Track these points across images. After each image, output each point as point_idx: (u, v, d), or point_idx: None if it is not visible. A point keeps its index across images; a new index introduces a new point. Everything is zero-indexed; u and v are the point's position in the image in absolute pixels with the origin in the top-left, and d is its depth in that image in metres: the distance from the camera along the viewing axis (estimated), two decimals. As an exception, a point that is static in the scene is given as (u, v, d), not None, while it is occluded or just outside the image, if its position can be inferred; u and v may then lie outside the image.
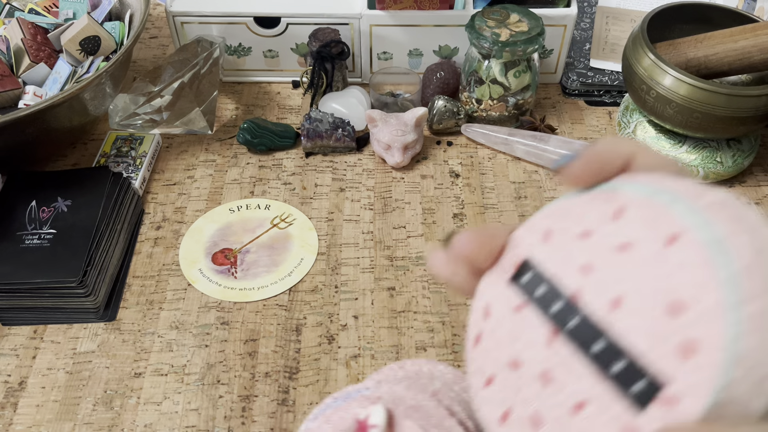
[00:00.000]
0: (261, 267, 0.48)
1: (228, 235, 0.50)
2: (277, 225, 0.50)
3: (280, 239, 0.50)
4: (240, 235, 0.50)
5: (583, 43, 0.66)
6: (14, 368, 0.42)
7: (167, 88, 0.55)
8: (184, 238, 0.50)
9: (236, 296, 0.46)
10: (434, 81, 0.60)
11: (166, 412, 0.40)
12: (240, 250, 0.49)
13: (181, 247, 0.49)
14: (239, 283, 0.47)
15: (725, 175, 0.53)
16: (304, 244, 0.50)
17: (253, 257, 0.49)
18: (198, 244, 0.49)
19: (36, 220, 0.47)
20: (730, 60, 0.50)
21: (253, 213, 0.52)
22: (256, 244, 0.49)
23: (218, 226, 0.51)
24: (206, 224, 0.51)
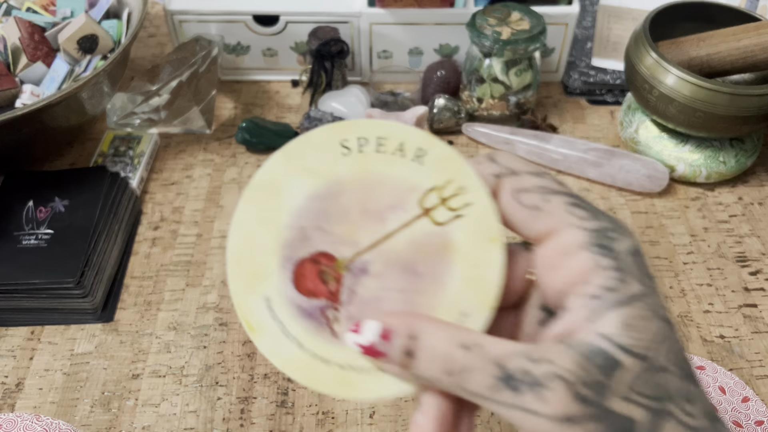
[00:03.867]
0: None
1: (331, 217, 0.22)
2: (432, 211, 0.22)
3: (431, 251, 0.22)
4: (354, 220, 0.22)
5: (585, 42, 0.66)
6: (11, 369, 0.42)
7: (165, 87, 0.54)
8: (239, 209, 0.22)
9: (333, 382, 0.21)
10: (435, 80, 0.59)
11: (164, 413, 0.40)
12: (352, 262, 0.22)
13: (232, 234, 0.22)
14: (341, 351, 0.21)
15: (728, 175, 0.53)
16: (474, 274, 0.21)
17: (374, 285, 0.21)
18: (268, 231, 0.22)
19: (33, 221, 0.46)
20: (732, 59, 0.50)
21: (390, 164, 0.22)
22: (384, 254, 0.22)
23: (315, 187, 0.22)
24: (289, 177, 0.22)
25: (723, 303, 0.45)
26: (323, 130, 0.22)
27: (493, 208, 0.21)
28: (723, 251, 0.49)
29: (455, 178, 0.21)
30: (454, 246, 0.21)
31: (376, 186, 0.22)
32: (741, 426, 0.38)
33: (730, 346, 0.43)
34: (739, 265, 0.48)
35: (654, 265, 0.48)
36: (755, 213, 0.52)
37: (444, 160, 0.22)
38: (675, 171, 0.53)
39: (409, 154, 0.22)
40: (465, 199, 0.21)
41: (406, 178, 0.22)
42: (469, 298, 0.21)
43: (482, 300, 0.21)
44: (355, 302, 0.21)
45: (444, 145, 0.22)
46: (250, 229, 0.22)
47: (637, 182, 0.52)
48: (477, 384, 0.18)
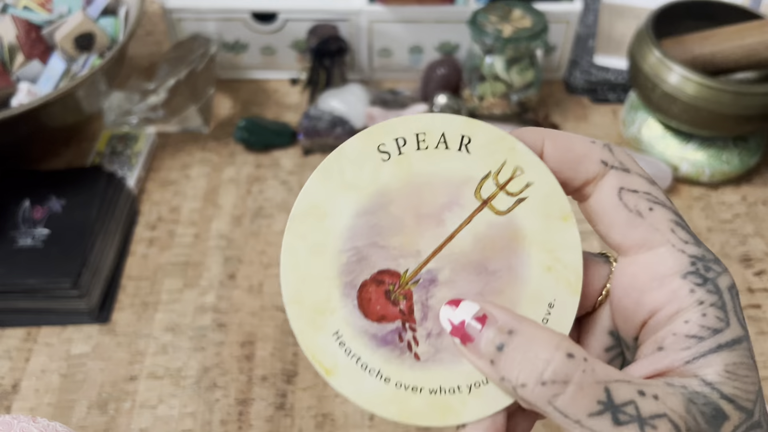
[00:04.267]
0: None
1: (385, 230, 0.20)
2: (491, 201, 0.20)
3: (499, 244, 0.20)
4: (410, 228, 0.20)
5: (587, 40, 0.65)
6: (7, 371, 0.42)
7: (163, 85, 0.54)
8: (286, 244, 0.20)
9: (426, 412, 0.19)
10: (435, 78, 0.59)
11: (162, 415, 0.39)
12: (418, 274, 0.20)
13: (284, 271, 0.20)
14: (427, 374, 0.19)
15: (732, 174, 0.52)
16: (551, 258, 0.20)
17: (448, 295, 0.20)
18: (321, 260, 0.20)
19: (29, 220, 0.46)
20: (736, 57, 0.49)
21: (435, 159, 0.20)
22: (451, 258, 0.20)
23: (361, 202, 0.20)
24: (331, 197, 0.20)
25: (727, 304, 0.45)
26: (357, 139, 0.20)
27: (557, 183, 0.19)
28: (727, 251, 0.49)
29: (509, 158, 0.19)
30: (523, 233, 0.20)
31: (425, 187, 0.20)
32: None
33: (734, 347, 0.42)
34: (743, 266, 0.47)
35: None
36: (759, 213, 0.52)
37: (492, 142, 0.19)
38: (678, 170, 0.52)
39: (454, 145, 0.20)
40: (524, 179, 0.19)
41: (456, 171, 0.20)
42: (551, 286, 0.19)
43: (567, 285, 0.19)
44: (432, 317, 0.19)
45: (489, 127, 0.20)
46: (301, 263, 0.20)
47: (640, 182, 0.52)
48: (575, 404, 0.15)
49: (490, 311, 0.17)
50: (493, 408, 0.19)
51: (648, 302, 0.18)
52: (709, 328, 0.17)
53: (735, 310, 0.17)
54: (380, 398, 0.19)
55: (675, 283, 0.17)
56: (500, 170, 0.20)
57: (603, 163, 0.19)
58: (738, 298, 0.18)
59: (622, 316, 0.19)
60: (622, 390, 0.16)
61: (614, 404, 0.15)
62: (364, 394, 0.19)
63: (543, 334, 0.17)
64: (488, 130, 0.20)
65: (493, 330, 0.17)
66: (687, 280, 0.17)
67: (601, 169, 0.19)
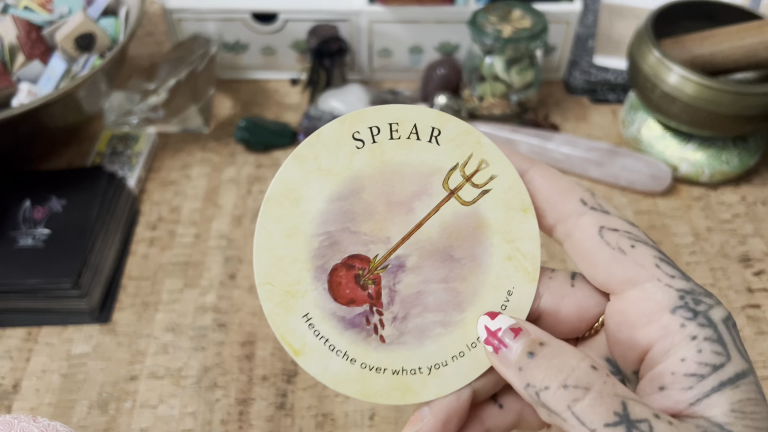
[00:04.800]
0: (430, 312, 0.21)
1: (357, 216, 0.21)
2: (458, 191, 0.21)
3: (464, 233, 0.21)
4: (381, 215, 0.21)
5: (587, 40, 0.65)
6: (8, 370, 0.42)
7: (163, 85, 0.54)
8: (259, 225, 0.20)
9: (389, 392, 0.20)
10: (435, 78, 0.59)
11: (162, 415, 0.39)
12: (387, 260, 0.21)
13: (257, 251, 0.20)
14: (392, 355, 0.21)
15: (731, 175, 0.52)
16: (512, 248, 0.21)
17: (414, 280, 0.21)
18: (294, 243, 0.20)
19: (30, 220, 0.46)
20: (736, 57, 0.50)
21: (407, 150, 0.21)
22: (418, 245, 0.21)
23: (334, 188, 0.20)
24: (305, 182, 0.20)
25: (726, 303, 0.45)
26: (332, 126, 0.20)
27: (518, 177, 0.20)
28: (726, 251, 0.49)
29: (475, 152, 0.20)
30: (486, 223, 0.21)
31: (396, 175, 0.20)
32: None
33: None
34: (743, 266, 0.48)
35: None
36: (759, 213, 0.52)
37: (461, 135, 0.20)
38: (678, 170, 0.52)
39: (425, 136, 0.20)
40: (489, 172, 0.20)
41: (426, 162, 0.20)
42: (511, 274, 0.20)
43: (525, 274, 0.20)
44: (398, 302, 0.20)
45: (458, 121, 0.20)
46: (274, 245, 0.20)
47: (640, 182, 0.52)
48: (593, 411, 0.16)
49: (524, 326, 0.18)
50: (451, 389, 0.20)
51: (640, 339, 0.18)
52: (707, 364, 0.17)
53: (734, 342, 0.17)
54: (345, 378, 0.20)
55: (665, 318, 0.17)
56: (467, 162, 0.20)
57: (582, 202, 0.19)
58: (735, 329, 0.17)
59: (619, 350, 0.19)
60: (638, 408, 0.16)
61: (630, 419, 0.16)
62: (330, 374, 0.20)
63: (571, 348, 0.17)
64: (457, 123, 0.20)
65: (526, 340, 0.18)
66: (677, 315, 0.17)
67: (578, 208, 0.19)
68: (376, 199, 0.20)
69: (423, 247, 0.20)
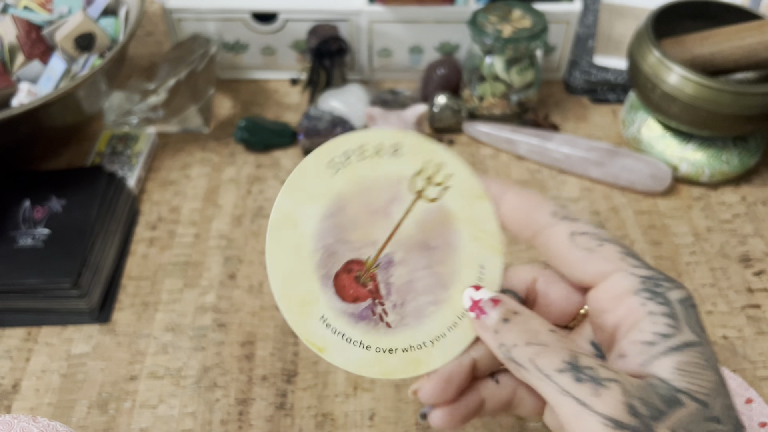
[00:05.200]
0: (422, 294, 0.24)
1: (346, 228, 0.24)
2: (423, 192, 0.25)
3: (435, 225, 0.25)
4: (365, 223, 0.24)
5: (587, 40, 0.65)
6: (8, 370, 0.42)
7: (163, 85, 0.54)
8: (268, 248, 0.24)
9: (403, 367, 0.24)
10: (435, 78, 0.59)
11: (162, 415, 0.39)
12: (377, 260, 0.24)
13: (271, 271, 0.24)
14: (399, 337, 0.24)
15: (731, 175, 0.52)
16: (477, 230, 0.25)
17: (403, 272, 0.24)
18: (299, 261, 0.24)
19: (30, 220, 0.46)
20: (736, 57, 0.50)
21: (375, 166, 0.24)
22: (400, 242, 0.24)
23: (323, 209, 0.24)
24: (298, 208, 0.24)
25: (726, 303, 0.45)
26: (310, 158, 0.24)
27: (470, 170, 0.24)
28: (726, 251, 0.49)
29: (431, 158, 0.24)
30: (452, 214, 0.25)
31: (371, 188, 0.24)
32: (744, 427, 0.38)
33: (734, 347, 0.42)
34: (743, 266, 0.48)
35: (657, 265, 0.48)
36: (759, 213, 0.52)
37: (417, 146, 0.24)
38: (678, 170, 0.52)
39: (388, 152, 0.24)
40: (445, 172, 0.25)
41: (392, 173, 0.24)
42: (481, 251, 0.24)
43: (492, 248, 0.24)
44: (395, 291, 0.24)
45: (413, 135, 0.24)
46: (284, 264, 0.24)
47: (640, 182, 0.52)
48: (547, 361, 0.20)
49: (502, 298, 0.22)
50: (453, 355, 0.24)
51: (611, 320, 0.21)
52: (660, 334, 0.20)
53: (687, 319, 0.20)
54: (365, 363, 0.24)
55: (629, 300, 0.20)
56: (426, 167, 0.24)
57: (553, 214, 0.23)
58: (693, 309, 0.20)
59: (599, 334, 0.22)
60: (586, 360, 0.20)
61: (577, 366, 0.19)
62: (352, 362, 0.24)
63: (537, 317, 0.22)
64: (413, 137, 0.24)
65: (502, 309, 0.22)
66: (639, 296, 0.20)
67: (551, 219, 0.23)
68: (358, 211, 0.24)
69: (405, 243, 0.24)
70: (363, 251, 0.24)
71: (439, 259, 0.24)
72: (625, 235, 0.50)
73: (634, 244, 0.49)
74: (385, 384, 0.40)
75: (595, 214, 0.51)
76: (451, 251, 0.24)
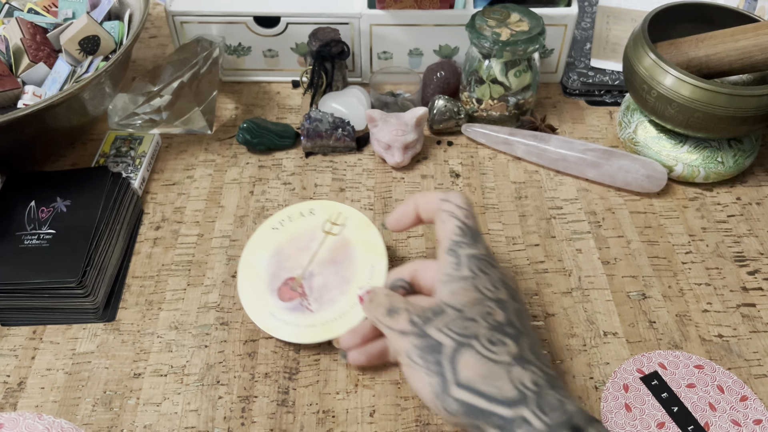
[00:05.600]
0: (333, 289, 0.42)
1: (283, 261, 0.43)
2: (330, 231, 0.43)
3: (339, 249, 0.43)
4: (295, 257, 0.43)
5: (584, 43, 0.66)
6: (13, 369, 0.42)
7: (167, 87, 0.55)
8: (240, 279, 0.43)
9: (323, 333, 0.40)
10: (434, 81, 0.60)
11: (166, 412, 0.40)
12: (304, 275, 0.42)
13: (241, 291, 0.42)
14: (318, 317, 0.41)
15: (726, 175, 0.53)
16: (367, 246, 0.43)
17: (320, 280, 0.42)
18: (258, 283, 0.42)
19: (35, 221, 0.46)
20: (731, 59, 0.50)
21: (299, 224, 0.45)
22: (317, 263, 0.43)
23: (269, 252, 0.44)
24: (255, 256, 0.44)
25: (721, 302, 0.46)
26: (261, 227, 0.45)
27: (359, 213, 0.44)
28: (721, 251, 0.49)
29: (333, 210, 0.45)
30: (350, 240, 0.44)
31: (298, 236, 0.45)
32: (739, 425, 0.38)
33: (729, 345, 0.43)
34: (738, 265, 0.48)
35: (652, 265, 0.48)
36: (753, 213, 0.52)
37: (325, 205, 0.46)
38: (673, 171, 0.53)
39: (306, 214, 0.46)
40: (343, 217, 0.45)
41: (310, 224, 0.45)
42: (371, 257, 0.43)
43: (378, 254, 0.43)
44: (315, 290, 0.42)
45: (323, 201, 0.46)
46: (249, 287, 0.43)
47: (636, 182, 0.52)
48: (377, 312, 0.33)
49: (372, 288, 0.35)
50: (355, 322, 0.40)
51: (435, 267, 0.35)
52: (447, 274, 0.33)
53: (469, 265, 0.33)
54: (300, 334, 0.40)
55: (443, 257, 0.34)
56: (331, 216, 0.45)
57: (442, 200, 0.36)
58: (476, 259, 0.33)
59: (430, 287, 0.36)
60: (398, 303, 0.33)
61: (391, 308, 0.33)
62: (291, 335, 0.41)
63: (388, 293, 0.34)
64: (322, 202, 0.46)
65: (370, 295, 0.35)
66: (447, 254, 0.34)
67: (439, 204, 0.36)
68: (291, 250, 0.44)
69: (320, 263, 0.43)
70: (295, 271, 0.43)
71: (344, 266, 0.42)
72: (622, 235, 0.50)
73: (630, 243, 0.50)
74: (386, 381, 0.41)
75: (592, 215, 0.52)
76: (351, 261, 0.43)
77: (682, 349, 0.43)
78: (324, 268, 0.42)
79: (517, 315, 0.31)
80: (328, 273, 0.42)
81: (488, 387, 0.28)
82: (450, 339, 0.30)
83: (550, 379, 0.29)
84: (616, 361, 0.42)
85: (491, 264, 0.33)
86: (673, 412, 0.39)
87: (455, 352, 0.29)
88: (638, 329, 0.44)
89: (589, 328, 0.44)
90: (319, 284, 0.42)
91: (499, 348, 0.29)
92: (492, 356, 0.29)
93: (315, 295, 0.41)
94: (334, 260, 0.42)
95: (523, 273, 0.48)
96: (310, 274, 0.42)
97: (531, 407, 0.28)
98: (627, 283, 0.47)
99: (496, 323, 0.30)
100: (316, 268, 0.42)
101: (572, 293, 0.46)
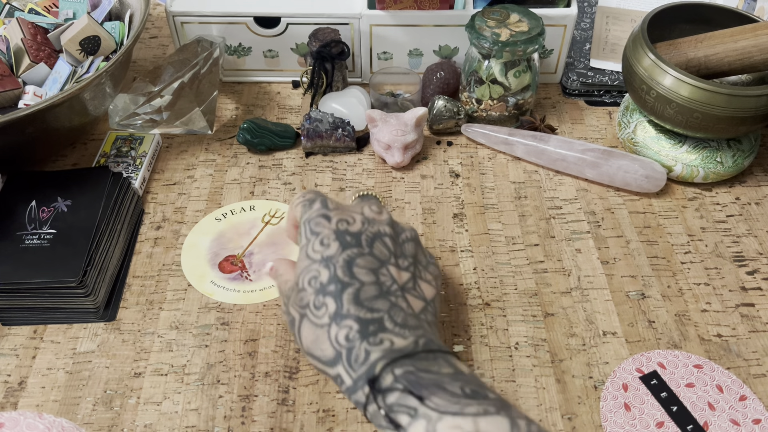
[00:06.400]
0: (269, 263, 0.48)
1: (225, 243, 0.49)
2: (269, 222, 0.51)
3: (279, 234, 0.50)
4: (236, 240, 0.50)
5: (583, 43, 0.66)
6: (14, 368, 0.42)
7: (167, 88, 0.55)
8: (182, 256, 0.48)
9: (261, 297, 0.46)
10: (434, 81, 0.60)
11: (166, 412, 0.40)
12: (243, 254, 0.48)
13: (184, 266, 0.48)
14: (258, 285, 0.47)
15: (725, 175, 0.53)
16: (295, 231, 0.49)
17: (260, 257, 0.48)
18: (199, 260, 0.48)
19: (36, 220, 0.47)
20: (730, 60, 0.50)
21: (241, 217, 0.51)
22: (258, 245, 0.49)
23: (211, 237, 0.50)
24: (198, 238, 0.50)
25: (720, 302, 0.46)
26: (207, 217, 0.51)
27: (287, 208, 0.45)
28: (720, 251, 0.49)
29: (271, 207, 0.52)
30: (281, 228, 0.51)
31: (239, 224, 0.51)
32: (738, 424, 0.38)
33: (728, 345, 0.43)
34: (737, 265, 0.48)
35: (652, 265, 0.48)
36: (752, 213, 0.52)
37: (263, 204, 0.52)
38: (672, 171, 0.53)
39: (248, 209, 0.52)
40: (280, 211, 0.52)
41: (251, 217, 0.51)
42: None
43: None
44: (254, 266, 0.48)
45: (262, 201, 0.53)
46: (193, 261, 0.48)
47: (635, 182, 0.52)
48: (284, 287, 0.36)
49: (274, 265, 0.37)
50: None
51: None
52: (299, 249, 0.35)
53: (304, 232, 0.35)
54: (240, 298, 0.46)
55: None
56: (270, 211, 0.52)
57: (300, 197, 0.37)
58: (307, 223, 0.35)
59: None
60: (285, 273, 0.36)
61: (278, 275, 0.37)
62: (232, 299, 0.46)
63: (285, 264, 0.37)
64: (263, 202, 0.52)
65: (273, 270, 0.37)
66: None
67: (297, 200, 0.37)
68: (232, 234, 0.50)
69: (260, 244, 0.49)
70: (236, 251, 0.49)
71: (282, 248, 0.49)
72: (621, 235, 0.51)
73: (630, 243, 0.50)
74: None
75: (591, 215, 0.52)
76: (288, 243, 0.49)
77: (681, 349, 0.43)
78: (263, 249, 0.48)
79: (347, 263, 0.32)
80: (267, 252, 0.48)
81: (318, 351, 0.31)
82: (297, 313, 0.33)
83: (364, 327, 0.30)
84: (615, 361, 0.42)
85: (325, 217, 0.34)
86: (672, 411, 0.39)
87: (300, 324, 0.32)
88: (637, 329, 0.44)
89: (589, 328, 0.44)
90: (258, 261, 0.48)
91: (320, 311, 0.31)
92: (316, 321, 0.31)
93: (254, 269, 0.47)
94: (274, 243, 0.49)
95: (523, 273, 0.48)
96: (250, 253, 0.48)
97: (344, 364, 0.30)
98: (626, 283, 0.47)
99: (319, 286, 0.32)
100: (256, 248, 0.48)
101: (571, 293, 0.46)
